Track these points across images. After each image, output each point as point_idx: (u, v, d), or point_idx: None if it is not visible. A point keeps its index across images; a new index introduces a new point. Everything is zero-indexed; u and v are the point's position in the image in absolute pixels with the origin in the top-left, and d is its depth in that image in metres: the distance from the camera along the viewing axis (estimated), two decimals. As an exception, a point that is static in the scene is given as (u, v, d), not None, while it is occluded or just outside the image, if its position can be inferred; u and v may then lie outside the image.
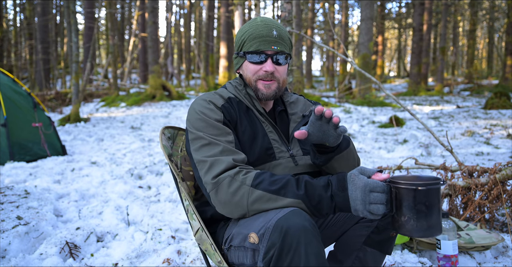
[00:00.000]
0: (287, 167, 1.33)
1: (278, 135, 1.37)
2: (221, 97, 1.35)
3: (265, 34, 1.31)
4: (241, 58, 1.37)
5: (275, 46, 1.31)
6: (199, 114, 1.27)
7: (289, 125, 1.42)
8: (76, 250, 2.17)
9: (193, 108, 1.31)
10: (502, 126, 7.04)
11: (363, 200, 1.03)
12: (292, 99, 1.49)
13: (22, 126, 4.93)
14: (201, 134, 1.24)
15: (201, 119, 1.26)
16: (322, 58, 40.44)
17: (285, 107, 1.46)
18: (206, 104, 1.30)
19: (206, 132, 1.24)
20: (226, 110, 1.30)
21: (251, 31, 1.33)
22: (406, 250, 2.10)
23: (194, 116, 1.29)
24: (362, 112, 9.95)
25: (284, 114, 1.45)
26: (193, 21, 28.64)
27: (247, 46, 1.33)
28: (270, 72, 1.32)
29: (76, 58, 9.42)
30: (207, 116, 1.26)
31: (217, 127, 1.25)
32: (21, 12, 25.12)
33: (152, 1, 13.99)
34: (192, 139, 1.26)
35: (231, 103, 1.34)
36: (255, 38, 1.31)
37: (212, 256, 1.27)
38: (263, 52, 1.31)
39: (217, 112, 1.28)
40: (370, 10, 12.48)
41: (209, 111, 1.28)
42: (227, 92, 1.39)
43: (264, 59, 1.32)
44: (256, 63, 1.33)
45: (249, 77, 1.35)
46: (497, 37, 31.37)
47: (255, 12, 18.72)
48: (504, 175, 2.34)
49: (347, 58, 3.20)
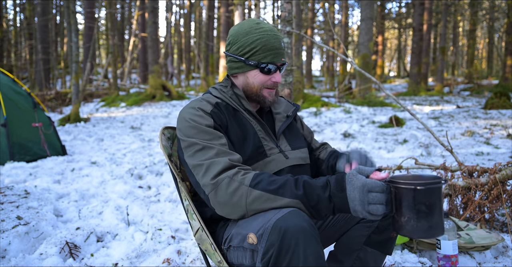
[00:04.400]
0: (279, 161, 1.36)
1: (266, 133, 1.40)
2: (208, 103, 1.35)
3: (278, 47, 1.36)
4: (248, 66, 1.37)
5: (284, 59, 1.38)
6: (190, 122, 1.28)
7: (275, 123, 1.47)
8: (76, 250, 2.17)
9: (182, 117, 1.32)
10: (502, 126, 7.04)
11: (361, 200, 1.02)
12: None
13: (22, 126, 4.93)
14: (194, 140, 1.24)
15: (192, 126, 1.27)
16: (322, 58, 40.45)
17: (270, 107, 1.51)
18: (195, 111, 1.31)
19: (199, 138, 1.25)
20: (215, 116, 1.31)
21: (264, 42, 1.34)
22: (406, 250, 2.10)
23: (184, 125, 1.29)
24: (362, 112, 9.95)
25: (269, 114, 1.51)
26: (193, 21, 28.64)
27: (260, 56, 1.34)
28: (279, 83, 1.39)
29: (76, 58, 9.42)
30: (198, 123, 1.27)
31: (208, 132, 1.26)
32: (21, 12, 25.14)
33: (152, 1, 13.99)
34: (185, 146, 1.26)
35: (219, 108, 1.35)
36: (269, 50, 1.34)
37: (212, 256, 1.27)
38: (275, 64, 1.36)
39: (207, 118, 1.29)
40: (370, 10, 12.48)
41: (199, 118, 1.29)
42: (213, 98, 1.40)
43: (275, 70, 1.37)
44: (267, 74, 1.37)
45: (256, 85, 1.38)
46: (497, 37, 31.38)
47: (255, 12, 18.72)
48: (504, 175, 2.34)
49: (347, 58, 3.20)
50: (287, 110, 1.54)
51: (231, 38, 1.39)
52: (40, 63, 18.73)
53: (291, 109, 1.55)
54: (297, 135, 1.52)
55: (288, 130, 1.49)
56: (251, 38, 1.35)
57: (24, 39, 23.95)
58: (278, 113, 1.50)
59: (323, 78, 32.18)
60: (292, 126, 1.53)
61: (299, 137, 1.52)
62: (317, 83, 29.69)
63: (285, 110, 1.53)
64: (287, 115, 1.50)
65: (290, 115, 1.50)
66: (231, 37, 1.40)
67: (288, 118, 1.49)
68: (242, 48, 1.36)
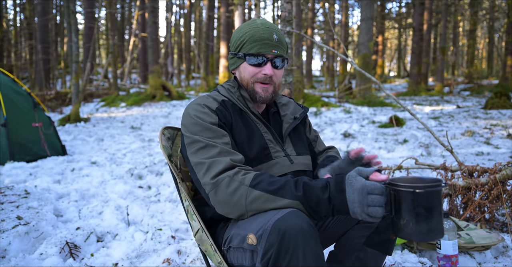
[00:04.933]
0: (284, 166, 1.35)
1: (273, 135, 1.39)
2: (214, 100, 1.35)
3: (266, 38, 1.32)
4: (239, 59, 1.37)
5: (276, 50, 1.33)
6: (194, 119, 1.28)
7: (282, 126, 1.45)
8: (76, 250, 2.17)
9: (187, 113, 1.32)
10: (502, 126, 7.04)
11: (360, 202, 1.01)
12: (284, 101, 1.53)
13: (22, 126, 4.93)
14: (197, 137, 1.24)
15: (196, 123, 1.27)
16: (322, 58, 40.44)
17: (277, 109, 1.49)
18: (201, 108, 1.30)
19: (202, 135, 1.24)
20: (220, 113, 1.31)
21: (251, 33, 1.33)
22: (406, 250, 2.10)
23: (189, 121, 1.29)
24: (362, 112, 9.94)
25: (277, 115, 1.48)
26: (193, 21, 28.63)
27: (247, 48, 1.33)
28: (269, 75, 1.34)
29: (76, 58, 9.42)
30: (202, 120, 1.27)
31: (212, 130, 1.25)
32: (21, 12, 25.13)
33: (152, 1, 13.99)
34: (188, 143, 1.26)
35: (225, 106, 1.34)
36: (256, 40, 1.32)
37: (212, 257, 1.27)
38: (264, 55, 1.33)
39: (212, 115, 1.29)
40: (370, 10, 12.48)
41: (203, 115, 1.28)
42: (220, 96, 1.39)
43: (264, 62, 1.33)
44: (255, 65, 1.34)
45: (247, 79, 1.36)
46: (497, 37, 31.36)
47: (255, 12, 18.71)
48: (504, 175, 2.33)
49: (347, 58, 3.19)
50: (294, 113, 1.51)
51: (231, 39, 1.41)
52: (40, 63, 18.73)
53: (299, 111, 1.52)
54: (302, 140, 1.50)
55: (294, 133, 1.47)
56: (242, 32, 1.36)
57: (24, 39, 23.94)
58: (285, 115, 1.48)
59: (323, 78, 32.16)
60: (299, 130, 1.50)
61: (304, 143, 1.50)
62: (317, 83, 29.68)
63: (292, 113, 1.50)
64: (295, 117, 1.48)
65: (298, 117, 1.47)
66: (231, 39, 1.41)
67: (296, 120, 1.47)
68: (234, 43, 1.37)
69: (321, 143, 1.60)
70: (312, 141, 1.57)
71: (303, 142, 1.49)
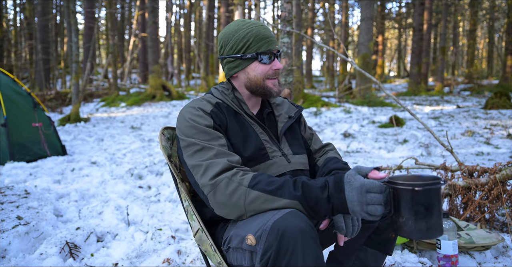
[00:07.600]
0: (281, 165, 1.35)
1: (269, 136, 1.39)
2: (209, 103, 1.35)
3: (269, 35, 1.36)
4: (245, 60, 1.36)
5: (278, 46, 1.40)
6: (189, 122, 1.28)
7: (277, 125, 1.46)
8: (76, 250, 2.17)
9: (182, 116, 1.32)
10: (502, 126, 7.04)
11: (359, 201, 1.01)
12: (278, 101, 1.54)
13: (22, 126, 4.93)
14: (193, 140, 1.24)
15: (191, 126, 1.27)
16: (322, 58, 40.44)
17: (272, 109, 1.50)
18: (195, 111, 1.30)
19: (198, 138, 1.24)
20: (215, 116, 1.31)
21: (254, 33, 1.34)
22: (406, 250, 2.10)
23: (184, 124, 1.29)
24: (362, 112, 9.94)
25: (271, 115, 1.49)
26: (193, 21, 28.63)
27: (256, 47, 1.34)
28: (280, 69, 1.38)
29: (76, 58, 9.42)
30: (197, 123, 1.27)
31: (208, 132, 1.26)
32: (21, 12, 25.14)
33: (152, 1, 13.99)
34: (184, 146, 1.26)
35: (219, 108, 1.35)
36: (262, 39, 1.34)
37: (212, 257, 1.27)
38: (272, 52, 1.36)
39: (207, 118, 1.29)
40: (370, 10, 12.48)
41: (198, 118, 1.28)
42: (214, 98, 1.40)
43: (273, 58, 1.37)
44: (267, 63, 1.36)
45: (257, 78, 1.36)
46: (497, 37, 31.36)
47: (255, 12, 18.71)
48: (504, 175, 2.33)
49: (347, 58, 3.19)
50: (289, 112, 1.52)
51: (222, 41, 1.39)
52: (40, 63, 18.73)
53: (293, 111, 1.53)
54: (298, 139, 1.50)
55: (289, 133, 1.48)
56: (242, 33, 1.35)
57: (24, 39, 23.94)
58: (279, 115, 1.49)
59: (323, 78, 32.17)
60: (294, 129, 1.51)
61: (300, 142, 1.50)
62: (317, 83, 29.69)
63: (287, 112, 1.52)
64: (289, 116, 1.49)
65: (293, 116, 1.49)
66: (222, 41, 1.39)
67: (290, 119, 1.48)
68: (236, 46, 1.35)
69: (317, 140, 1.59)
70: (307, 139, 1.57)
71: (298, 141, 1.50)
